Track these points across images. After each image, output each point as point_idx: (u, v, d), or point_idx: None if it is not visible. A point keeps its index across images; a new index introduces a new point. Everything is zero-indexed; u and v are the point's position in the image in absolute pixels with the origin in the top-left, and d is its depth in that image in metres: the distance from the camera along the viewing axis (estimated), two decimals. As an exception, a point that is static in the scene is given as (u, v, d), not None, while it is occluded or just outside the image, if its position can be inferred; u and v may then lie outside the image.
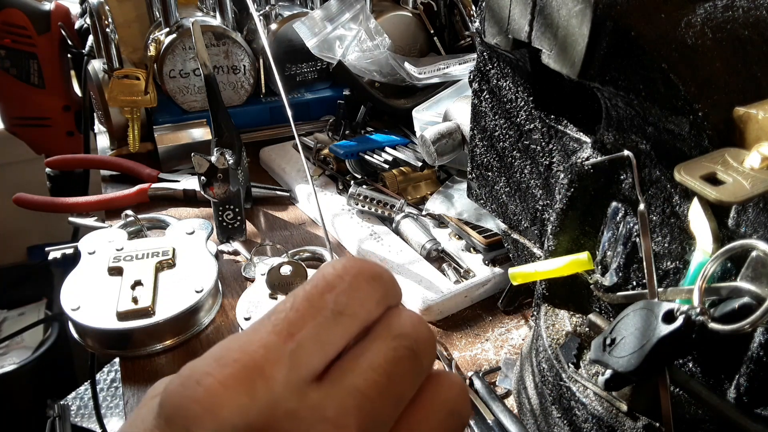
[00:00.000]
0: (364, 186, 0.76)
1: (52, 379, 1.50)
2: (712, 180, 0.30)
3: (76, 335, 0.58)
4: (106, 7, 0.85)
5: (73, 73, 1.30)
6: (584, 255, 0.41)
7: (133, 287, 0.57)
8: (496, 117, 0.51)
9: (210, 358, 0.21)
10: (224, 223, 0.69)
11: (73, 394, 1.43)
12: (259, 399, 0.20)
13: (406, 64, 0.88)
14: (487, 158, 0.54)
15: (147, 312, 0.55)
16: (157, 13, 0.93)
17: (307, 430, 0.21)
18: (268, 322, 0.22)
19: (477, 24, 0.45)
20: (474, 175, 0.56)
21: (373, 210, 0.72)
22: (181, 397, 0.20)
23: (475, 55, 0.51)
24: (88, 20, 1.03)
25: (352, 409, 0.21)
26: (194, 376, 0.20)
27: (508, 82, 0.48)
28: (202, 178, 0.65)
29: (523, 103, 0.47)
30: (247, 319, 0.56)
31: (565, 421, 0.42)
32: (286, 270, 0.58)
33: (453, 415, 0.25)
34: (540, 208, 0.49)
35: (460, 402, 0.25)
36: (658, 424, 0.37)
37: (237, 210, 0.69)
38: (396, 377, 0.23)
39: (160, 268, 0.60)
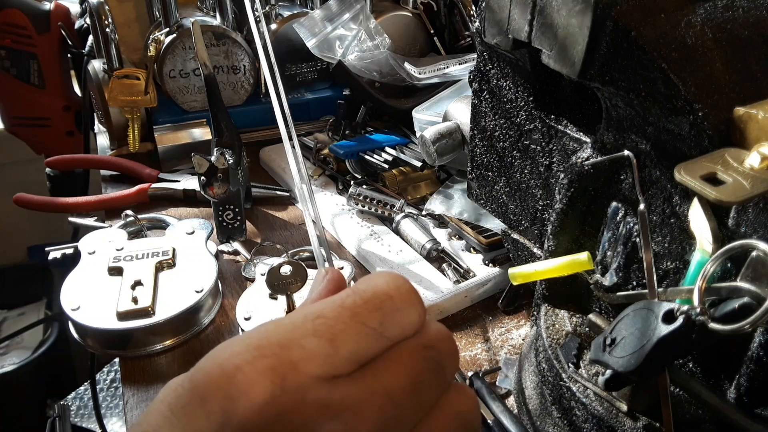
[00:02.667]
0: (364, 186, 0.76)
1: (52, 379, 1.50)
2: (712, 180, 0.30)
3: (76, 335, 0.58)
4: (106, 7, 0.85)
5: (73, 73, 1.30)
6: (584, 255, 0.41)
7: (133, 287, 0.57)
8: (496, 117, 0.51)
9: (250, 345, 0.23)
10: (224, 223, 0.69)
11: (73, 394, 1.43)
12: (290, 389, 0.22)
13: (406, 64, 0.88)
14: (487, 158, 0.54)
15: (147, 312, 0.55)
16: (157, 13, 0.93)
17: (333, 416, 0.22)
18: (311, 324, 0.24)
19: (477, 24, 0.45)
20: (474, 175, 0.56)
21: (373, 210, 0.72)
22: (219, 379, 0.22)
23: (475, 55, 0.51)
24: (88, 20, 1.03)
25: (377, 405, 0.23)
26: (234, 361, 0.22)
27: (508, 82, 0.48)
28: (202, 178, 0.65)
29: (523, 103, 0.47)
30: (247, 319, 0.56)
31: (565, 421, 0.42)
32: (286, 270, 0.58)
33: (467, 427, 0.26)
34: (540, 208, 0.49)
35: (474, 414, 0.27)
36: (658, 424, 0.37)
37: (237, 210, 0.69)
38: (421, 384, 0.24)
39: (160, 268, 0.60)
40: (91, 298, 0.56)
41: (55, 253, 0.68)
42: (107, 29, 0.84)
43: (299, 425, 0.22)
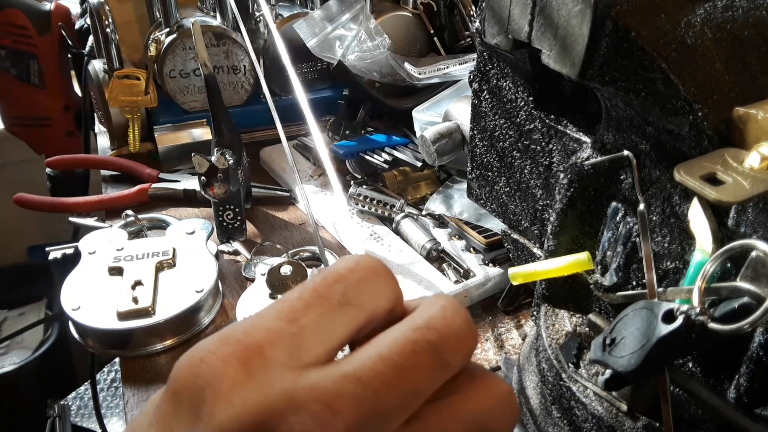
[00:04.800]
0: (364, 186, 0.76)
1: (52, 379, 1.50)
2: (712, 180, 0.30)
3: (76, 335, 0.58)
4: (106, 7, 0.85)
5: (73, 73, 1.30)
6: (584, 255, 0.41)
7: (133, 287, 0.57)
8: (496, 117, 0.51)
9: (216, 337, 0.22)
10: (224, 223, 0.69)
11: (73, 394, 1.43)
12: (256, 377, 0.21)
13: (406, 64, 0.88)
14: (487, 158, 0.54)
15: (147, 312, 0.55)
16: (157, 13, 0.93)
17: (299, 409, 0.20)
18: (274, 309, 0.23)
19: (477, 24, 0.45)
20: (474, 175, 0.56)
21: (373, 210, 0.72)
22: (186, 372, 0.21)
23: (475, 55, 0.51)
24: (88, 20, 1.03)
25: (351, 396, 0.20)
26: (199, 354, 0.22)
27: (508, 82, 0.48)
28: (202, 178, 0.65)
29: (523, 103, 0.47)
30: (247, 319, 0.56)
31: (565, 421, 0.42)
32: (286, 270, 0.58)
33: (478, 430, 0.22)
34: (540, 208, 0.49)
35: (494, 416, 0.23)
36: (658, 424, 0.37)
37: (237, 210, 0.69)
38: (408, 373, 0.21)
39: (160, 268, 0.60)
40: (92, 298, 0.56)
41: (55, 253, 0.68)
42: (107, 29, 0.84)
43: (267, 416, 0.20)
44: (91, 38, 0.99)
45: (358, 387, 0.20)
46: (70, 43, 1.21)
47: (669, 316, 0.31)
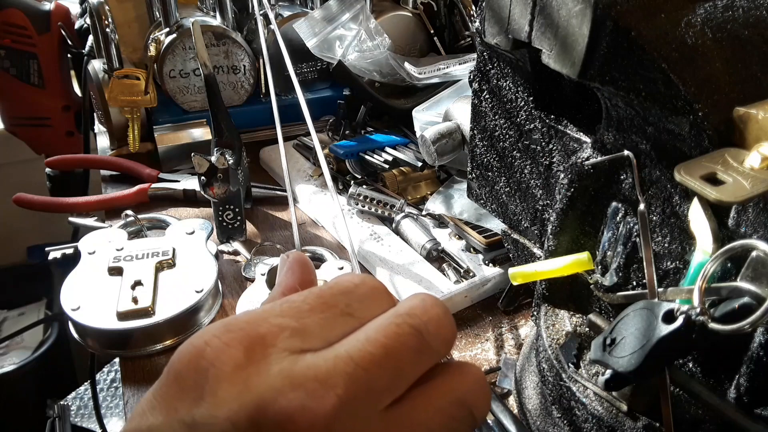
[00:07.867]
0: (364, 186, 0.76)
1: (52, 379, 1.50)
2: (712, 180, 0.30)
3: (76, 335, 0.58)
4: (106, 7, 0.84)
5: (73, 73, 1.30)
6: (584, 255, 0.41)
7: (133, 287, 0.57)
8: (497, 117, 0.51)
9: (219, 324, 0.24)
10: (224, 223, 0.69)
11: (73, 394, 1.43)
12: (257, 360, 0.22)
13: (406, 64, 0.88)
14: (488, 158, 0.54)
15: (147, 312, 0.55)
16: (157, 13, 0.93)
17: (296, 386, 0.22)
18: (278, 306, 0.24)
19: (477, 24, 0.45)
20: (474, 175, 0.56)
21: (373, 210, 0.72)
22: (190, 354, 0.23)
23: (475, 55, 0.51)
24: (88, 20, 1.03)
25: (343, 373, 0.22)
26: (203, 338, 0.23)
27: (508, 82, 0.48)
28: (202, 178, 0.65)
29: (523, 103, 0.47)
30: (247, 319, 0.56)
31: (565, 421, 0.42)
32: (286, 270, 0.58)
33: (460, 404, 0.25)
34: (540, 208, 0.49)
35: (472, 393, 0.25)
36: (658, 424, 0.37)
37: (237, 210, 0.69)
38: (394, 353, 0.23)
39: (160, 268, 0.60)
40: (91, 298, 0.56)
41: (55, 253, 0.68)
42: (107, 29, 0.84)
43: (266, 393, 0.22)
44: (90, 38, 0.99)
45: (350, 365, 0.22)
46: (69, 42, 1.21)
47: (669, 316, 0.31)
